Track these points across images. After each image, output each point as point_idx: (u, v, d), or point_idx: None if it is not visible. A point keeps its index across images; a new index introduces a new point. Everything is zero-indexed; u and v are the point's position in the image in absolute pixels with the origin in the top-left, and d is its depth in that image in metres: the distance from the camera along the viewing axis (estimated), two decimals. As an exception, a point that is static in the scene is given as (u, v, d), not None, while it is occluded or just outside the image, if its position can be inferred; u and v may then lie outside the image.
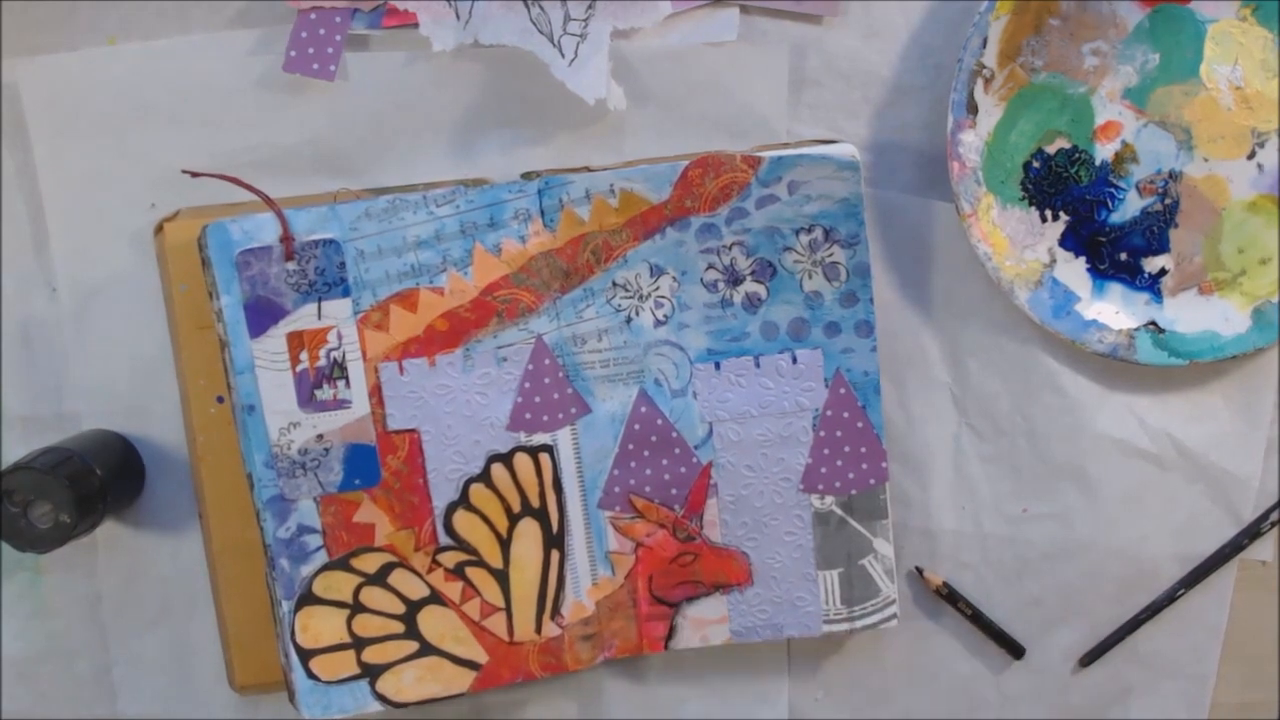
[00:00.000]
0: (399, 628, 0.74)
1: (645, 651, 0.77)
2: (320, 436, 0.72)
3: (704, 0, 0.76)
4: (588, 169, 0.75)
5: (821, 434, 0.76)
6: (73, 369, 0.77)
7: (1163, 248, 0.77)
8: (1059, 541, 0.81)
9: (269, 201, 0.71)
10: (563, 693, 0.81)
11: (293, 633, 0.73)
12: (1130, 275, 0.78)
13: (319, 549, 0.73)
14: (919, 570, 0.81)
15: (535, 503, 0.75)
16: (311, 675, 0.73)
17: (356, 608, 0.74)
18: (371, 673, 0.74)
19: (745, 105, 0.77)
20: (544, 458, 0.75)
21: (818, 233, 0.75)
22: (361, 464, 0.73)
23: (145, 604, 0.79)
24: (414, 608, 0.74)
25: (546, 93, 0.75)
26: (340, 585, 0.73)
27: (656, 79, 0.77)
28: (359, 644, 0.74)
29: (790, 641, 0.81)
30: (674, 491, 0.76)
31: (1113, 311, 0.78)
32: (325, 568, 0.73)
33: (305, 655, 0.73)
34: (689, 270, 0.75)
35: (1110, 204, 0.77)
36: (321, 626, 0.73)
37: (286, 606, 0.73)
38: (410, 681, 0.74)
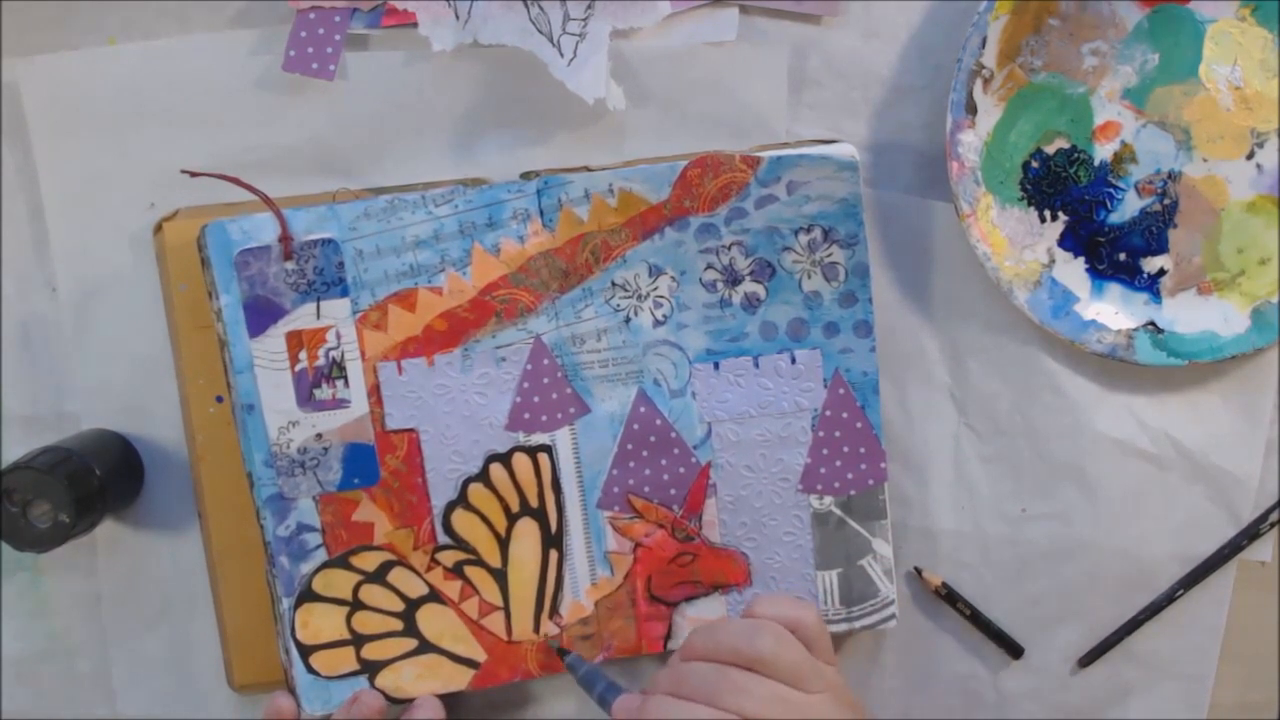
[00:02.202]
0: (398, 625, 0.74)
1: (644, 652, 0.77)
2: (319, 436, 0.72)
3: (704, 0, 0.76)
4: (586, 169, 0.75)
5: (820, 434, 0.76)
6: (73, 369, 0.77)
7: (1162, 248, 0.77)
8: (1058, 541, 0.81)
9: (268, 201, 0.71)
10: (563, 693, 0.81)
11: (293, 629, 0.73)
12: (1129, 275, 0.78)
13: (318, 547, 0.73)
14: (918, 570, 0.81)
15: (534, 503, 0.75)
16: (311, 670, 0.74)
17: (356, 605, 0.74)
18: (371, 669, 0.74)
19: (745, 105, 0.77)
20: (543, 458, 0.75)
21: (816, 233, 0.75)
22: (360, 463, 0.73)
23: (145, 604, 0.79)
24: (413, 606, 0.75)
25: (546, 93, 0.75)
26: (340, 583, 0.74)
27: (656, 79, 0.77)
28: (358, 640, 0.74)
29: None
30: (673, 492, 0.76)
31: (1112, 312, 0.78)
32: (325, 565, 0.73)
33: (305, 651, 0.73)
34: (688, 270, 0.75)
35: (1109, 204, 0.77)
36: (321, 623, 0.74)
37: (286, 603, 0.73)
38: (409, 678, 0.75)
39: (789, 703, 0.65)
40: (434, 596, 0.75)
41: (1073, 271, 0.78)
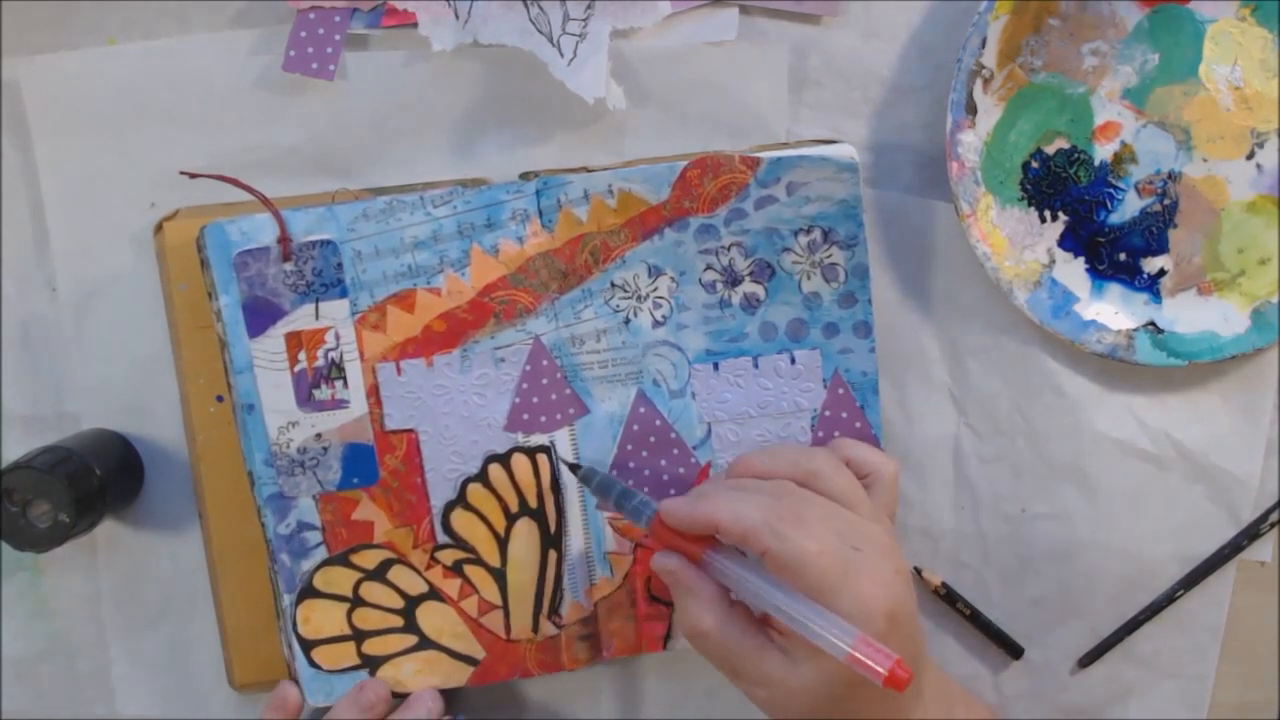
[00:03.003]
0: (398, 621, 0.75)
1: (644, 651, 0.77)
2: (319, 435, 0.73)
3: (703, 0, 0.76)
4: (586, 169, 0.75)
5: (820, 434, 0.76)
6: (73, 369, 0.77)
7: (1162, 248, 0.77)
8: (1058, 541, 0.81)
9: (266, 202, 0.71)
10: (562, 692, 0.81)
11: (294, 624, 0.73)
12: (1129, 276, 0.78)
13: (319, 545, 0.73)
14: (918, 570, 0.81)
15: (533, 503, 0.75)
16: (314, 664, 0.74)
17: (356, 601, 0.74)
18: (372, 663, 0.75)
19: (745, 105, 0.77)
20: (542, 458, 0.75)
21: (816, 234, 0.74)
22: (360, 463, 0.73)
23: (145, 603, 0.79)
24: (413, 603, 0.75)
25: (546, 93, 0.75)
26: (340, 580, 0.74)
27: (656, 79, 0.77)
28: (359, 636, 0.74)
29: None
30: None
31: (1112, 312, 0.78)
32: (325, 563, 0.74)
33: (307, 645, 0.74)
34: (687, 271, 0.75)
35: (1109, 204, 0.77)
36: (322, 619, 0.74)
37: (288, 599, 0.73)
38: (409, 673, 0.75)
39: (845, 519, 0.66)
40: (433, 594, 0.75)
41: (1073, 271, 0.78)
